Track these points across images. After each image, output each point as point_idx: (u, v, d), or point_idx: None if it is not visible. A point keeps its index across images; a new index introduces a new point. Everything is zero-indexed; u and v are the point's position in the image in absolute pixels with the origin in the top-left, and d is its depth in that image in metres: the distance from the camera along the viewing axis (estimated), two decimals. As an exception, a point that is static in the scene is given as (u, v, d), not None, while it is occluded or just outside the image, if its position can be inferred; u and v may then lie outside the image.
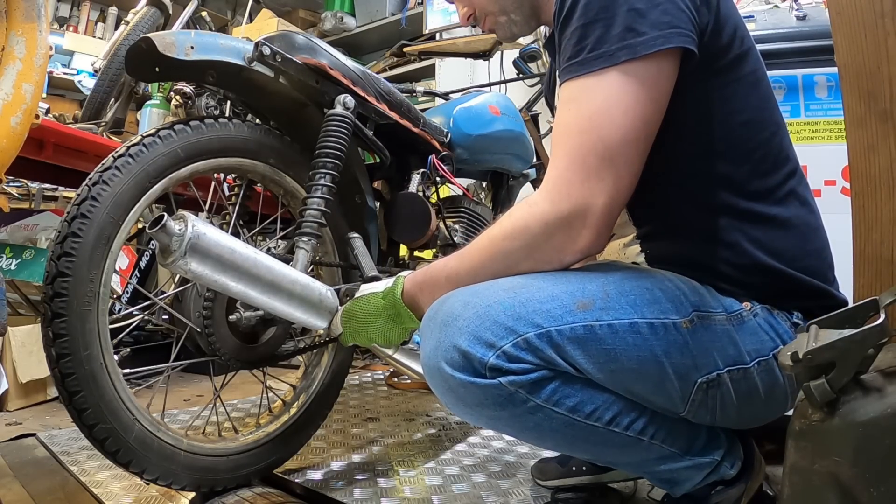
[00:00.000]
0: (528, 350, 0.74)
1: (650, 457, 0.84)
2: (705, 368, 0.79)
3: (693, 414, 0.82)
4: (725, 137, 0.83)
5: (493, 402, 0.76)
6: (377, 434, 1.58)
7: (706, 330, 0.79)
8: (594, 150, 0.74)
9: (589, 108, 0.75)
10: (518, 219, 0.80)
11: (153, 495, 1.16)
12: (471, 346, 0.74)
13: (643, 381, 0.79)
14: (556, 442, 0.85)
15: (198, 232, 0.85)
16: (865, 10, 0.81)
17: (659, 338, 0.77)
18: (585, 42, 0.76)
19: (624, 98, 0.74)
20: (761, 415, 0.86)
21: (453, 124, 1.64)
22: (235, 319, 1.14)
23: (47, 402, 1.95)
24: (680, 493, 0.89)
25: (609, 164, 0.74)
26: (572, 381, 0.77)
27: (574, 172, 0.75)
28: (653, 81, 0.75)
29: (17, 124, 1.07)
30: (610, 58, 0.74)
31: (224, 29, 4.13)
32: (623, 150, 0.75)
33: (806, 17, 1.50)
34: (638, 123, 0.75)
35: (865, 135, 0.83)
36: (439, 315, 0.79)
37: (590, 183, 0.75)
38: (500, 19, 1.01)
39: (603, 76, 0.75)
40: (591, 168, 0.74)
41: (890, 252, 0.82)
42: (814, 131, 1.50)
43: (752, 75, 0.84)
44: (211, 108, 1.80)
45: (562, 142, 0.78)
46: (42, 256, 1.62)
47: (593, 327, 0.76)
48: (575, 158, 0.75)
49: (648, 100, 0.75)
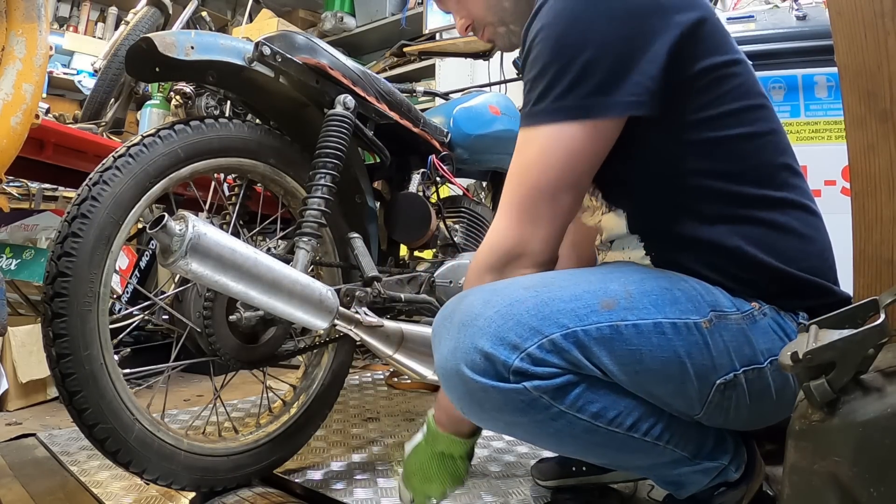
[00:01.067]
0: (555, 352, 0.73)
1: (662, 461, 0.83)
2: (723, 369, 0.78)
3: (708, 416, 0.81)
4: (722, 152, 0.83)
5: (515, 407, 0.73)
6: (377, 434, 1.58)
7: (724, 330, 0.79)
8: (528, 196, 0.81)
9: (527, 158, 0.81)
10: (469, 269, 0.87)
11: (153, 495, 1.16)
12: (494, 348, 0.72)
13: (665, 383, 0.78)
14: (574, 448, 0.83)
15: (198, 232, 0.85)
16: (865, 10, 0.81)
17: (682, 338, 0.76)
18: (532, 94, 0.81)
19: (556, 151, 0.79)
20: (771, 416, 0.85)
21: (453, 124, 1.64)
22: (236, 319, 1.14)
23: (47, 402, 1.95)
24: (684, 495, 0.89)
25: (542, 210, 0.81)
26: (596, 385, 0.76)
27: (513, 215, 0.82)
28: (589, 138, 0.79)
29: (17, 124, 1.07)
30: (549, 115, 0.79)
31: (224, 29, 4.13)
32: (555, 197, 0.80)
33: (806, 17, 1.50)
34: (568, 174, 0.80)
35: (865, 135, 0.83)
36: (457, 314, 0.77)
37: (524, 226, 0.81)
38: (500, 30, 1.01)
39: (540, 130, 0.80)
40: (526, 213, 0.81)
41: (890, 252, 0.81)
42: (814, 131, 1.49)
43: (742, 87, 0.84)
44: (211, 108, 1.80)
45: (508, 185, 0.84)
46: (42, 256, 1.62)
47: (619, 327, 0.75)
48: (514, 202, 0.82)
49: (582, 154, 0.80)
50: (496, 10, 0.98)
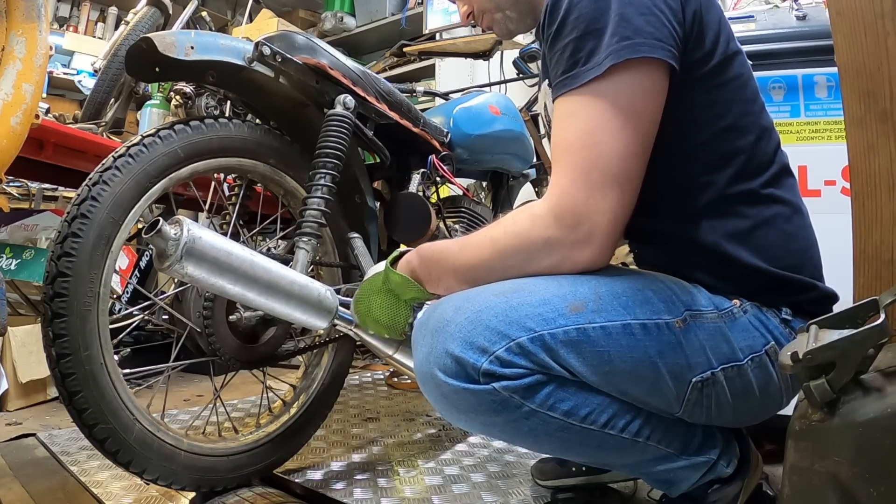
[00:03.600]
0: (522, 354, 0.74)
1: (646, 458, 0.84)
2: (699, 368, 0.79)
3: (689, 414, 0.82)
4: (708, 142, 0.84)
5: (487, 407, 0.75)
6: (377, 434, 1.58)
7: (699, 329, 0.79)
8: (597, 165, 0.75)
9: (588, 124, 0.76)
10: (522, 229, 0.79)
11: (153, 495, 1.16)
12: (463, 352, 0.74)
13: (638, 383, 0.79)
14: (552, 446, 0.85)
15: (193, 236, 0.85)
16: (865, 10, 0.81)
17: (652, 338, 0.77)
18: (579, 55, 0.77)
19: (619, 114, 0.75)
20: (757, 412, 0.86)
21: (453, 124, 1.64)
22: (235, 319, 1.14)
23: (47, 402, 1.95)
24: (677, 493, 0.89)
25: (613, 180, 0.75)
26: (566, 384, 0.77)
27: (579, 188, 0.75)
28: (644, 92, 0.76)
29: (17, 124, 1.07)
30: (600, 67, 0.75)
31: (224, 29, 4.13)
32: (624, 165, 0.75)
33: (806, 17, 1.50)
34: (636, 137, 0.76)
35: (865, 135, 0.83)
36: (431, 321, 0.79)
37: (595, 199, 0.75)
38: (496, 16, 1.02)
39: (597, 89, 0.75)
40: (595, 184, 0.75)
41: (890, 252, 0.81)
42: (814, 131, 1.49)
43: (737, 80, 0.85)
44: (211, 108, 1.80)
45: (564, 157, 0.77)
46: (42, 256, 1.62)
47: (586, 330, 0.76)
48: (580, 174, 0.75)
49: (643, 112, 0.77)
50: None
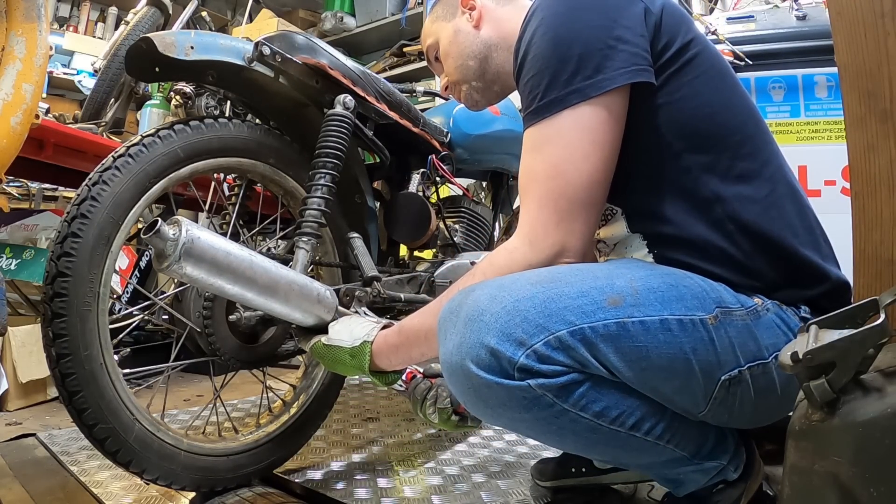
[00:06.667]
0: (560, 349, 0.72)
1: (662, 459, 0.83)
2: (728, 366, 0.79)
3: (712, 413, 0.81)
4: (699, 131, 0.85)
5: (518, 404, 0.73)
6: (377, 434, 1.58)
7: (729, 326, 0.79)
8: (564, 195, 0.80)
9: (553, 157, 0.81)
10: (503, 264, 0.83)
11: (153, 495, 1.16)
12: (500, 344, 0.71)
13: (671, 380, 0.78)
14: (576, 444, 0.83)
15: (192, 236, 0.85)
16: (865, 10, 0.81)
17: (688, 334, 0.76)
18: (537, 90, 0.82)
19: (582, 146, 0.80)
20: (775, 412, 0.86)
21: (453, 124, 1.64)
22: (235, 319, 1.14)
23: (47, 402, 1.95)
24: (683, 493, 0.89)
25: (580, 207, 0.81)
26: (600, 384, 0.76)
27: (548, 216, 0.81)
28: (604, 123, 0.81)
29: (17, 124, 1.07)
30: (561, 102, 0.80)
31: (224, 29, 4.13)
32: (590, 192, 0.81)
33: (806, 17, 1.50)
34: (599, 165, 0.81)
35: (865, 135, 0.83)
36: (463, 309, 0.76)
37: (564, 225, 0.81)
38: (463, 87, 1.11)
39: (561, 123, 0.81)
40: (563, 212, 0.81)
41: (890, 252, 0.81)
42: (814, 131, 1.49)
43: (711, 69, 0.86)
44: (211, 108, 1.80)
45: (532, 188, 0.83)
46: (42, 256, 1.62)
47: (626, 324, 0.74)
48: (547, 203, 0.81)
49: (604, 142, 0.81)
50: (462, 70, 1.09)
